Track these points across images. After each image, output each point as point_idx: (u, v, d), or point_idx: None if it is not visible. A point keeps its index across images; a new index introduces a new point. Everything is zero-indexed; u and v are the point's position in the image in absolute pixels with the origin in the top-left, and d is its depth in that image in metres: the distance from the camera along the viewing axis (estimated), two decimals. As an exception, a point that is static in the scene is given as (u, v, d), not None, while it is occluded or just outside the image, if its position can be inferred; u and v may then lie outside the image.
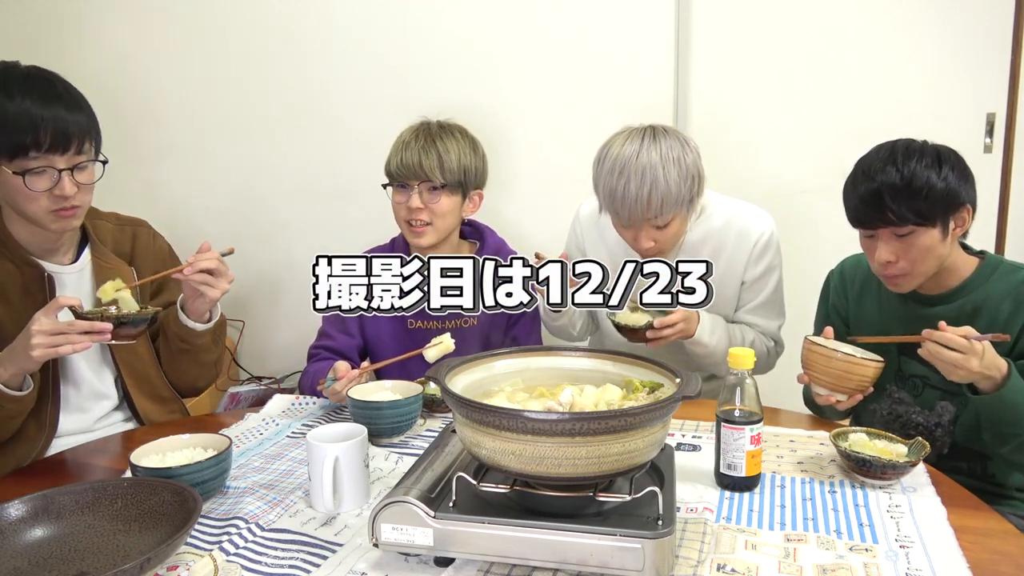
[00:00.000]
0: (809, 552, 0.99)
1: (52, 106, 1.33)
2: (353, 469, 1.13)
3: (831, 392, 1.37)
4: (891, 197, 1.34)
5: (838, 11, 2.19)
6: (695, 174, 1.57)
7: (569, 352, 1.16)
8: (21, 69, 1.37)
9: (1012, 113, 2.18)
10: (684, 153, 1.56)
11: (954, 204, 1.36)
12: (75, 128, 1.36)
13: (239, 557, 1.02)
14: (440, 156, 1.68)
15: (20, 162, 1.32)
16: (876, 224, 1.39)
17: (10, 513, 1.01)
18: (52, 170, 1.35)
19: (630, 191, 1.53)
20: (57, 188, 1.35)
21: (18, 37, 2.56)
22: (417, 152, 1.68)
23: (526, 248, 2.36)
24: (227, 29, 2.47)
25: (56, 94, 1.35)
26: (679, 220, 1.61)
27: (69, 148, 1.35)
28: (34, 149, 1.32)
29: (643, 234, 1.60)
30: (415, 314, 1.73)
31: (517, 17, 2.31)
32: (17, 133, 1.30)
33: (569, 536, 0.90)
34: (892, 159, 1.36)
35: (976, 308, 1.42)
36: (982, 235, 2.22)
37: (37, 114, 1.31)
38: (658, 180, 1.51)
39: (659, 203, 1.53)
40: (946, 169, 1.34)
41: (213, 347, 1.59)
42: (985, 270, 1.44)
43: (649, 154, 1.54)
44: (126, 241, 1.61)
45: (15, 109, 1.30)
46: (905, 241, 1.38)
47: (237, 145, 2.55)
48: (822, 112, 2.24)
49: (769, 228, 1.71)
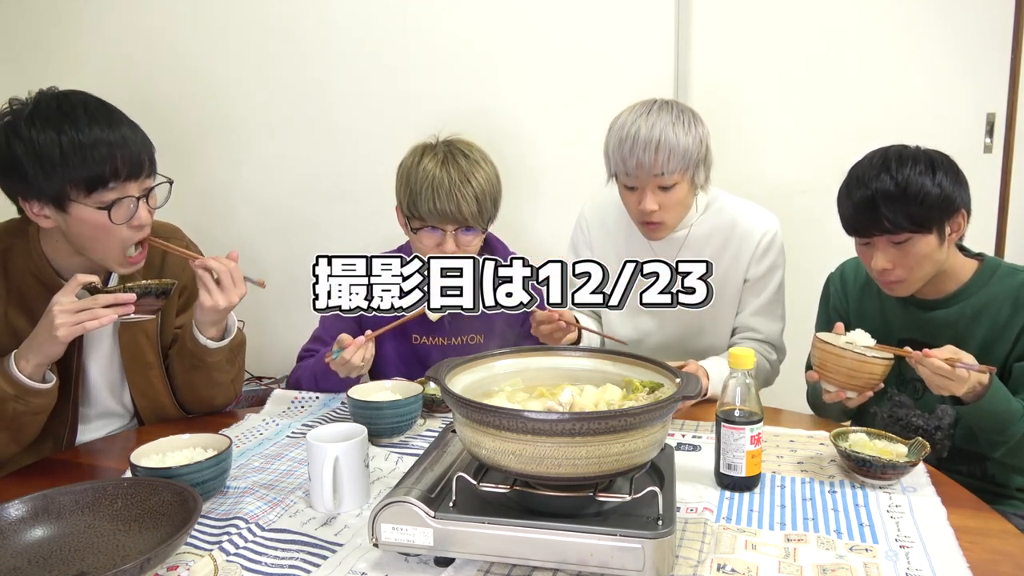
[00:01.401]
0: (809, 552, 0.99)
1: (118, 129, 1.26)
2: (353, 469, 1.13)
3: (841, 389, 1.37)
4: (886, 205, 1.34)
5: (838, 11, 2.19)
6: (703, 141, 1.61)
7: (569, 352, 1.16)
8: (73, 97, 1.27)
9: (1012, 113, 2.18)
10: (695, 122, 1.60)
11: (949, 209, 1.36)
12: (143, 149, 1.30)
13: (239, 557, 1.02)
14: (478, 199, 1.60)
15: (99, 195, 1.25)
16: (871, 232, 1.38)
17: (10, 513, 1.01)
18: (130, 199, 1.28)
19: (640, 138, 1.55)
20: (135, 218, 1.30)
21: (19, 37, 2.56)
22: (455, 197, 1.57)
23: (528, 247, 2.36)
24: (227, 29, 2.47)
25: (117, 116, 1.28)
26: (684, 186, 1.61)
27: (142, 173, 1.29)
28: (113, 179, 1.25)
29: (648, 195, 1.60)
30: (420, 329, 1.73)
31: (517, 19, 2.31)
32: (95, 164, 1.23)
33: (569, 536, 0.90)
34: (885, 166, 1.36)
35: (976, 312, 1.42)
36: (982, 236, 2.22)
37: (111, 140, 1.24)
38: (667, 132, 1.55)
39: (667, 154, 1.54)
40: (940, 175, 1.34)
41: (227, 367, 1.52)
42: (984, 273, 1.44)
43: (660, 113, 1.58)
44: (155, 257, 1.53)
45: (88, 139, 1.22)
46: (901, 248, 1.37)
47: (237, 145, 2.55)
48: (822, 113, 2.24)
49: (774, 227, 1.72)
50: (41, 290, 1.37)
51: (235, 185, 2.57)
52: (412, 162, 1.63)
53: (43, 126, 1.22)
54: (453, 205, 1.57)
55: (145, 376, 1.51)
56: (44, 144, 1.22)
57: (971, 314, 1.42)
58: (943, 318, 1.46)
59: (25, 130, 1.23)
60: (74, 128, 1.23)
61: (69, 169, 1.23)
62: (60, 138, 1.22)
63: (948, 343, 1.42)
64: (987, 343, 1.40)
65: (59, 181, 1.23)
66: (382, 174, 1.75)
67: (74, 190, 1.25)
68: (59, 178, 1.23)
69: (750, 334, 1.75)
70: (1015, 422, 1.30)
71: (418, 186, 1.59)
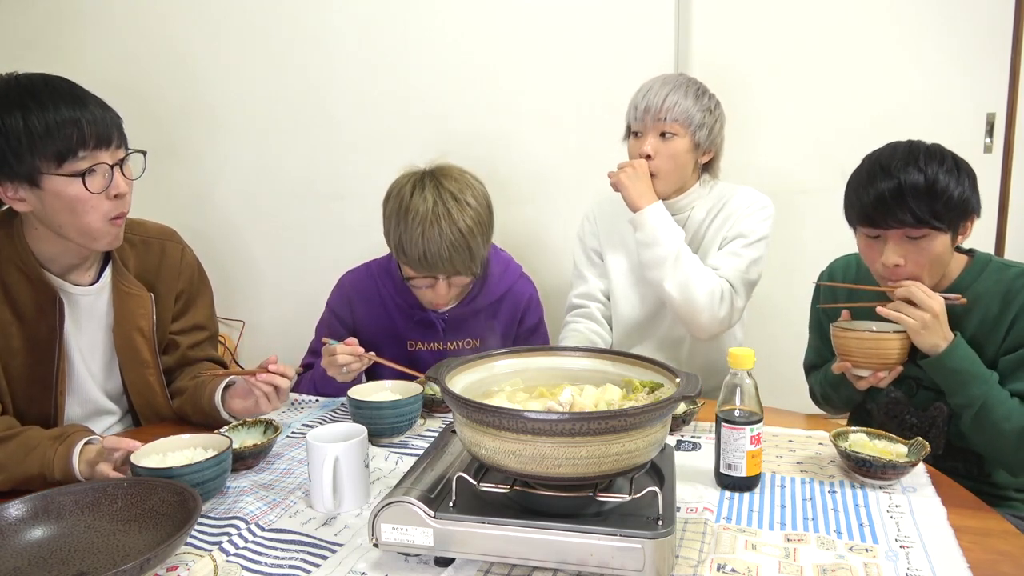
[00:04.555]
0: (809, 552, 0.99)
1: (85, 106, 1.29)
2: (353, 469, 1.13)
3: (873, 371, 1.40)
4: (913, 197, 1.32)
5: (838, 11, 2.19)
6: (713, 111, 1.75)
7: (569, 352, 1.16)
8: (34, 77, 1.30)
9: (1012, 113, 2.19)
10: (707, 98, 1.75)
11: (966, 212, 1.36)
12: (111, 122, 1.32)
13: (239, 557, 1.02)
14: (471, 249, 1.55)
15: (70, 164, 1.27)
16: (889, 224, 1.36)
17: (10, 513, 1.01)
18: (104, 166, 1.30)
19: (653, 89, 1.73)
20: (112, 187, 1.31)
21: (18, 37, 2.56)
22: (447, 248, 1.52)
23: (530, 248, 2.37)
24: (226, 30, 2.47)
25: (82, 93, 1.31)
26: (684, 141, 1.72)
27: (111, 142, 1.31)
28: (81, 148, 1.27)
29: (648, 139, 1.73)
30: (416, 335, 1.74)
31: (517, 16, 2.31)
32: (62, 137, 1.25)
33: (569, 536, 0.90)
34: (914, 159, 1.34)
35: (966, 307, 1.41)
36: (982, 235, 2.22)
37: (75, 115, 1.27)
38: (677, 88, 1.72)
39: (674, 102, 1.70)
40: (963, 176, 1.34)
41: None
42: (975, 268, 1.43)
43: (679, 79, 1.75)
44: (152, 259, 1.53)
45: (55, 118, 1.25)
46: (917, 244, 1.36)
47: (236, 147, 2.55)
48: (821, 112, 2.24)
49: (764, 202, 1.78)
50: (24, 282, 1.37)
51: (231, 187, 2.57)
52: (399, 207, 1.57)
53: (8, 108, 1.25)
54: (446, 261, 1.54)
55: (141, 375, 1.51)
56: (11, 126, 1.24)
57: (961, 310, 1.41)
58: None
59: None
60: (38, 107, 1.25)
61: (37, 146, 1.25)
62: (27, 117, 1.24)
63: None
64: (977, 338, 1.39)
65: (30, 158, 1.25)
66: (380, 176, 1.74)
67: (44, 163, 1.26)
68: (28, 155, 1.25)
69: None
70: (976, 384, 1.32)
71: (409, 241, 1.54)
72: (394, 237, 1.59)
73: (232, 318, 2.60)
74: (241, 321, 2.60)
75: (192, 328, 1.59)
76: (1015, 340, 1.36)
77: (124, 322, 1.47)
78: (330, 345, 1.48)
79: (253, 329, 2.63)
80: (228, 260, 2.59)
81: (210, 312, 1.65)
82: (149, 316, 1.49)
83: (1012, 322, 1.37)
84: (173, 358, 1.57)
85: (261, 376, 1.37)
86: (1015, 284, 1.37)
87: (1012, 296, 1.37)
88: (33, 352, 1.39)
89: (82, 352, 1.46)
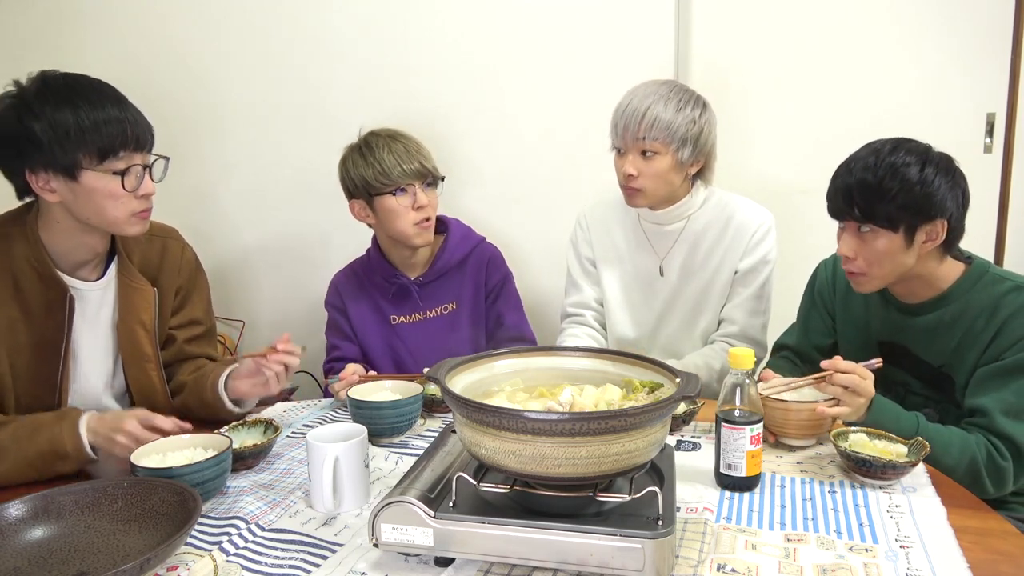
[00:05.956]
0: (809, 552, 0.99)
1: (127, 107, 1.36)
2: (353, 469, 1.13)
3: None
4: (859, 193, 1.33)
5: (838, 11, 2.19)
6: (697, 123, 1.67)
7: (569, 352, 1.16)
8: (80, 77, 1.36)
9: (1012, 113, 2.18)
10: (693, 105, 1.68)
11: (925, 214, 1.32)
12: (147, 126, 1.39)
13: (239, 557, 1.02)
14: (426, 154, 1.80)
15: (110, 163, 1.33)
16: (844, 216, 1.38)
17: (10, 513, 1.02)
18: (138, 167, 1.36)
19: (632, 104, 1.68)
20: (142, 186, 1.37)
21: (18, 37, 2.56)
22: (413, 149, 1.77)
23: (529, 248, 2.37)
24: (226, 29, 2.47)
25: (123, 97, 1.38)
26: (666, 159, 1.67)
27: (146, 146, 1.38)
28: (123, 148, 1.33)
29: (629, 158, 1.69)
30: (396, 309, 1.87)
31: (518, 23, 2.31)
32: (108, 135, 1.31)
33: (569, 536, 0.90)
34: (874, 154, 1.35)
35: (954, 318, 1.39)
36: (982, 236, 2.22)
37: (121, 115, 1.33)
38: (658, 104, 1.65)
39: (652, 120, 1.64)
40: (929, 174, 1.30)
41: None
42: (968, 280, 1.40)
43: (660, 88, 1.69)
44: (154, 255, 1.56)
45: (104, 116, 1.31)
46: (863, 239, 1.36)
47: (237, 146, 2.55)
48: (821, 112, 2.24)
49: (768, 222, 1.77)
50: (35, 279, 1.39)
51: (231, 186, 2.57)
52: (357, 148, 1.81)
53: (57, 103, 1.29)
54: (415, 161, 1.76)
55: (143, 369, 1.51)
56: (61, 120, 1.28)
57: (949, 320, 1.40)
58: (922, 324, 1.43)
59: (39, 107, 1.29)
60: (88, 104, 1.31)
61: (86, 142, 1.30)
62: (77, 113, 1.29)
63: (925, 349, 1.43)
64: (960, 351, 1.38)
65: (74, 152, 1.30)
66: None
67: (87, 158, 1.31)
68: (74, 149, 1.30)
69: (727, 327, 1.78)
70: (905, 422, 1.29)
71: (378, 159, 1.75)
72: (365, 171, 1.76)
73: (232, 318, 2.59)
74: (241, 321, 2.60)
75: (189, 323, 1.60)
76: (992, 354, 1.34)
77: (128, 316, 1.49)
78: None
79: (253, 329, 2.62)
80: (228, 260, 2.58)
81: (207, 307, 1.67)
82: (151, 310, 1.51)
83: (994, 336, 1.35)
84: (170, 353, 1.58)
85: (272, 356, 1.41)
86: (1004, 300, 1.35)
87: (999, 311, 1.35)
88: (39, 350, 1.40)
89: (87, 350, 1.47)
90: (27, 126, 1.28)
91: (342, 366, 1.65)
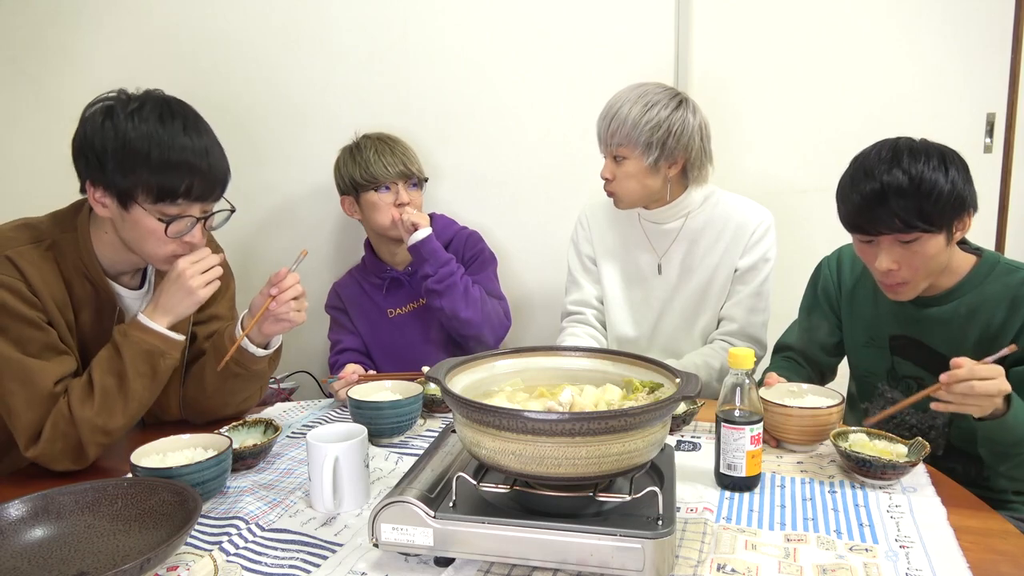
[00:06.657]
0: (809, 552, 0.99)
1: (209, 155, 1.30)
2: (353, 469, 1.13)
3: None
4: (897, 200, 1.26)
5: (838, 10, 2.19)
6: (663, 124, 1.66)
7: (569, 352, 1.16)
8: (178, 105, 1.31)
9: (1012, 113, 2.18)
10: (666, 104, 1.68)
11: (960, 208, 1.29)
12: (219, 179, 1.33)
13: (239, 557, 1.02)
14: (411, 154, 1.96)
15: (163, 206, 1.28)
16: (878, 230, 1.31)
17: (10, 513, 1.01)
18: (190, 219, 1.32)
19: (604, 110, 1.74)
20: (188, 236, 1.33)
21: (18, 37, 2.56)
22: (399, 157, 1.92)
23: (529, 249, 2.37)
24: (226, 29, 2.47)
25: (211, 141, 1.32)
26: (636, 163, 1.70)
27: (210, 198, 1.33)
28: (183, 197, 1.28)
29: (606, 163, 1.75)
30: (391, 302, 1.99)
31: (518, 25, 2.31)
32: (172, 180, 1.26)
33: (569, 536, 0.90)
34: (896, 159, 1.28)
35: (971, 310, 1.38)
36: (982, 235, 2.21)
37: (196, 163, 1.27)
38: (624, 107, 1.68)
39: (617, 125, 1.68)
40: (952, 171, 1.27)
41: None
42: (982, 270, 1.39)
43: (632, 91, 1.71)
44: None
45: (176, 159, 1.25)
46: (909, 248, 1.31)
47: (237, 145, 2.54)
48: (821, 112, 2.24)
49: (768, 221, 1.78)
50: (87, 288, 1.37)
51: (231, 186, 2.57)
52: (349, 150, 1.98)
53: (139, 123, 1.25)
54: (399, 163, 1.91)
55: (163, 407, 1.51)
56: (133, 140, 1.24)
57: (965, 312, 1.38)
58: (936, 315, 1.41)
59: (123, 121, 1.25)
60: (168, 141, 1.25)
61: (147, 174, 1.25)
62: (151, 148, 1.24)
63: (941, 341, 1.41)
64: (982, 344, 1.36)
65: (133, 181, 1.26)
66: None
67: (143, 194, 1.27)
68: (134, 178, 1.25)
69: (727, 325, 1.78)
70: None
71: (365, 159, 1.91)
72: (353, 170, 1.93)
73: (232, 318, 2.60)
74: (241, 321, 2.60)
75: (210, 319, 1.58)
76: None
77: None
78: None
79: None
80: (228, 259, 2.58)
81: (230, 305, 1.65)
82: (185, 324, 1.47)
83: (1020, 329, 1.32)
84: (190, 352, 1.56)
85: (280, 298, 1.40)
86: (1023, 289, 1.33)
87: (1020, 301, 1.33)
88: (83, 357, 1.38)
89: None
90: (103, 140, 1.25)
91: (347, 358, 1.67)
